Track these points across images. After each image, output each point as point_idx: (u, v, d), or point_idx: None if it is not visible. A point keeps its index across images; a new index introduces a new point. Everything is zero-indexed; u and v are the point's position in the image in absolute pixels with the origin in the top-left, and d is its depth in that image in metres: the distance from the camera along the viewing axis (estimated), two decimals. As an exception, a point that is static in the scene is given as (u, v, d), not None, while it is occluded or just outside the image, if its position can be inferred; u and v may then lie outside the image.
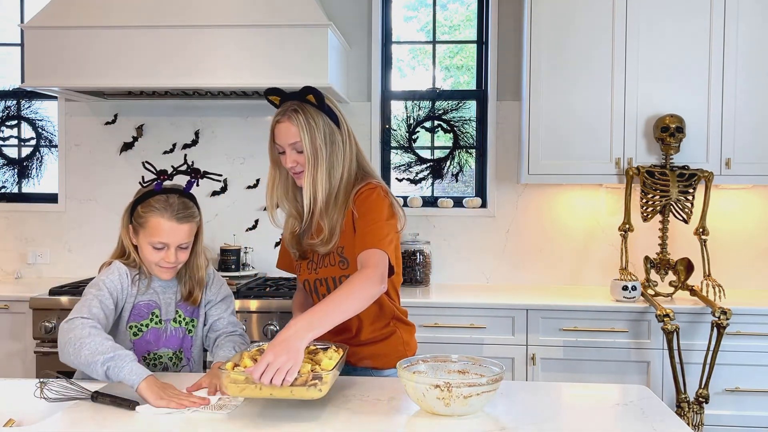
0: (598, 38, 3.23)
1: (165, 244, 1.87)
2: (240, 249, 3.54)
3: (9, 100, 3.87)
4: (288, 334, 1.49)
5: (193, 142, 3.71)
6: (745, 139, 3.18)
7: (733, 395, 3.00)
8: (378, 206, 1.81)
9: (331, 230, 1.84)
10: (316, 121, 1.82)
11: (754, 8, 3.16)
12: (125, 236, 1.94)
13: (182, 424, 1.48)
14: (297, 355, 1.46)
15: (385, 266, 1.72)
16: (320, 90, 1.88)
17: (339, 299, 1.61)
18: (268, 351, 1.46)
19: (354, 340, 1.92)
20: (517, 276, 3.62)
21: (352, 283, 1.65)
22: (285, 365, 1.43)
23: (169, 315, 1.96)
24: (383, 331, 1.94)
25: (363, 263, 1.71)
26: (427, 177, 3.73)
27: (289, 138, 1.82)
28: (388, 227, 1.78)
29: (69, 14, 3.18)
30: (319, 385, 1.47)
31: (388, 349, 1.94)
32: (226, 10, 3.15)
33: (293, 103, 1.83)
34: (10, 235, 3.79)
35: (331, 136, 1.84)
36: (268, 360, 1.44)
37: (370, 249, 1.73)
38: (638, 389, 1.76)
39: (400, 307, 1.99)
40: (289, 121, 1.81)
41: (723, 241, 3.46)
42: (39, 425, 1.48)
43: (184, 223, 1.89)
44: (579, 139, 3.25)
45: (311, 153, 1.80)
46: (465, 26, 3.78)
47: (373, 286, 1.66)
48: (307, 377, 1.47)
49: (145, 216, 1.89)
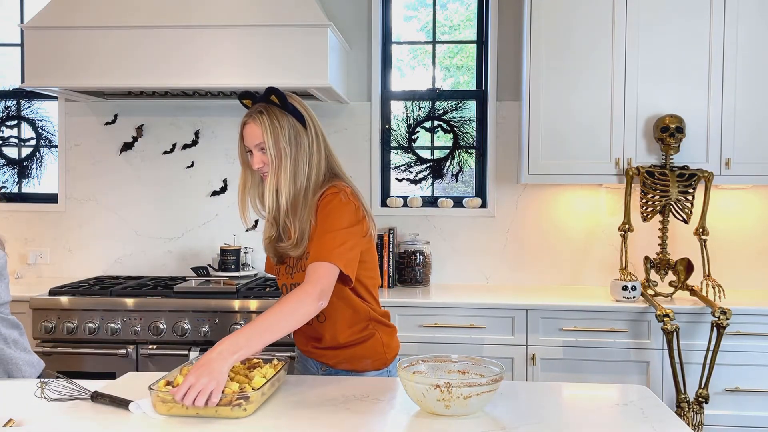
0: (598, 38, 3.23)
1: None
2: (240, 249, 3.54)
3: (9, 100, 3.87)
4: (212, 356, 1.51)
5: (193, 142, 3.72)
6: (745, 139, 3.18)
7: (733, 395, 3.00)
8: (336, 213, 1.78)
9: (300, 233, 1.82)
10: (281, 123, 1.82)
11: (753, 9, 3.16)
12: None
13: (181, 424, 1.48)
14: (219, 377, 1.48)
15: (329, 281, 1.70)
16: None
17: (270, 319, 1.61)
18: (190, 373, 1.48)
19: (331, 344, 1.92)
20: (517, 276, 3.62)
21: (286, 302, 1.64)
22: (207, 387, 1.46)
23: None
24: (362, 334, 1.92)
25: (307, 276, 1.70)
26: (427, 177, 3.73)
27: (254, 139, 1.84)
28: (346, 235, 1.76)
29: (69, 14, 3.18)
30: (244, 404, 1.49)
31: (367, 351, 1.93)
32: (226, 11, 3.15)
33: (259, 105, 1.84)
34: (10, 235, 3.79)
35: (296, 137, 1.83)
36: (189, 382, 1.46)
37: (318, 262, 1.71)
38: (638, 389, 1.76)
39: (378, 309, 1.97)
40: (254, 122, 1.83)
41: (723, 241, 3.46)
42: (39, 425, 1.48)
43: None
44: (579, 139, 3.25)
45: (275, 155, 1.80)
46: (465, 26, 3.78)
47: (309, 305, 1.65)
48: (231, 397, 1.49)
49: None
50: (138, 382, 1.81)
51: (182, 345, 3.04)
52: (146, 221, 3.73)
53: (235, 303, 3.07)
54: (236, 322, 3.04)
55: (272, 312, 1.62)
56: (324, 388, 1.71)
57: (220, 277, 3.41)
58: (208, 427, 1.46)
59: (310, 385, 1.74)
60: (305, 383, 1.77)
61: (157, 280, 3.48)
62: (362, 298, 1.91)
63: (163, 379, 1.59)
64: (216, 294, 3.14)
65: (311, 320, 1.87)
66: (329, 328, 1.90)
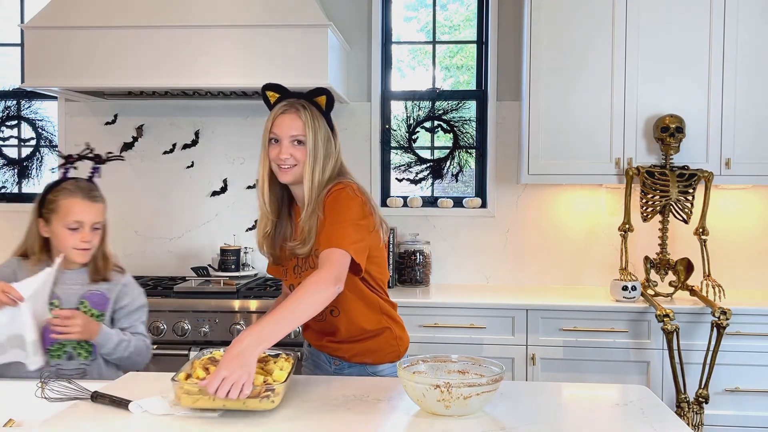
0: (598, 38, 3.23)
1: (80, 223, 1.96)
2: (240, 249, 3.54)
3: (9, 100, 3.87)
4: (241, 348, 1.50)
5: (193, 142, 3.72)
6: (745, 139, 3.18)
7: (733, 395, 3.00)
8: (345, 205, 1.80)
9: (309, 231, 1.84)
10: (319, 122, 1.86)
11: (754, 9, 3.16)
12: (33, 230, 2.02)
13: (181, 424, 1.48)
14: (251, 369, 1.48)
15: (342, 266, 1.70)
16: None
17: (291, 308, 1.60)
18: (223, 365, 1.47)
19: (346, 337, 1.93)
20: (517, 276, 3.62)
21: (304, 288, 1.64)
22: (240, 379, 1.46)
23: (70, 305, 1.99)
24: (376, 327, 1.95)
25: (320, 263, 1.71)
26: (427, 177, 3.73)
27: (292, 130, 1.83)
28: (354, 227, 1.77)
29: (69, 14, 3.18)
30: (272, 396, 1.50)
31: (381, 344, 1.95)
32: (226, 11, 3.15)
33: (300, 101, 1.86)
34: (10, 235, 3.77)
35: (327, 140, 1.87)
36: (222, 374, 1.45)
37: (330, 249, 1.72)
38: (638, 389, 1.76)
39: (389, 303, 2.00)
40: (296, 114, 1.84)
41: (723, 241, 3.46)
42: (39, 425, 1.48)
43: (95, 202, 2.00)
44: (579, 139, 3.25)
45: (313, 148, 1.83)
46: (465, 26, 3.78)
47: (325, 289, 1.64)
48: (260, 389, 1.49)
49: (57, 200, 1.97)
50: (138, 382, 1.81)
51: (182, 345, 3.04)
52: (146, 221, 3.73)
53: (235, 303, 3.07)
54: (236, 322, 3.04)
55: (291, 300, 1.62)
56: (324, 388, 1.71)
57: (220, 277, 3.41)
58: (207, 427, 1.46)
59: (309, 385, 1.75)
60: (305, 383, 1.77)
61: (157, 280, 3.48)
62: (374, 291, 1.94)
63: (182, 372, 1.59)
64: (216, 294, 3.14)
65: (324, 315, 1.89)
66: (344, 322, 1.91)
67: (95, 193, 2.01)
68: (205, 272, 3.49)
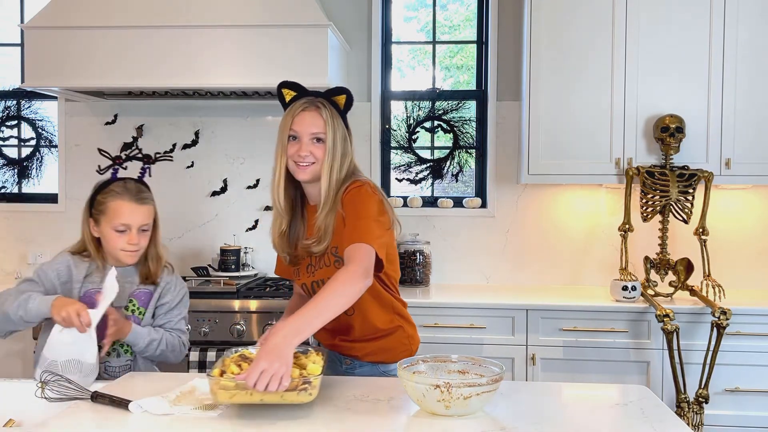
0: (597, 38, 3.23)
1: (127, 226, 1.95)
2: (240, 249, 3.54)
3: (9, 100, 3.87)
4: (277, 340, 1.51)
5: (193, 142, 3.71)
6: (745, 139, 3.18)
7: (733, 395, 3.00)
8: (365, 203, 1.81)
9: (325, 228, 1.85)
10: (338, 121, 1.88)
11: (754, 8, 3.16)
12: (86, 230, 2.02)
13: (181, 424, 1.48)
14: (289, 361, 1.49)
15: (370, 260, 1.72)
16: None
17: (323, 300, 1.61)
18: (261, 358, 1.47)
19: (360, 336, 1.94)
20: (517, 276, 3.62)
21: (335, 281, 1.65)
22: (279, 372, 1.46)
23: (121, 303, 2.00)
24: (390, 326, 1.96)
25: (348, 258, 1.72)
26: (427, 177, 3.73)
27: (313, 127, 1.85)
28: (376, 224, 1.79)
29: (69, 14, 3.18)
30: (309, 389, 1.50)
31: (394, 342, 1.97)
32: (226, 11, 3.15)
33: (319, 99, 1.88)
34: (10, 235, 3.79)
35: (344, 140, 1.89)
36: (262, 367, 1.45)
37: (356, 243, 1.73)
38: (638, 389, 1.76)
39: (401, 300, 2.01)
40: (318, 112, 1.86)
41: (723, 241, 3.46)
42: (39, 425, 1.48)
43: (143, 204, 1.99)
44: (579, 139, 3.25)
45: (332, 146, 1.84)
46: (465, 26, 3.78)
47: (357, 283, 1.66)
48: (297, 382, 1.49)
49: (105, 202, 1.97)
50: (138, 382, 1.81)
51: (182, 345, 3.04)
52: (146, 221, 3.73)
53: (235, 303, 3.07)
54: (236, 322, 3.04)
55: (323, 294, 1.62)
56: (324, 389, 1.71)
57: (220, 277, 3.41)
58: (207, 427, 1.46)
59: (310, 385, 1.74)
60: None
61: (157, 280, 3.48)
62: (388, 290, 1.95)
63: (216, 368, 1.59)
64: (216, 294, 3.14)
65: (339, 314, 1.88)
66: (358, 321, 1.92)
67: (143, 195, 2.00)
68: (205, 272, 3.49)
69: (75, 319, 1.76)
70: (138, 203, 1.98)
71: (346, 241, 1.76)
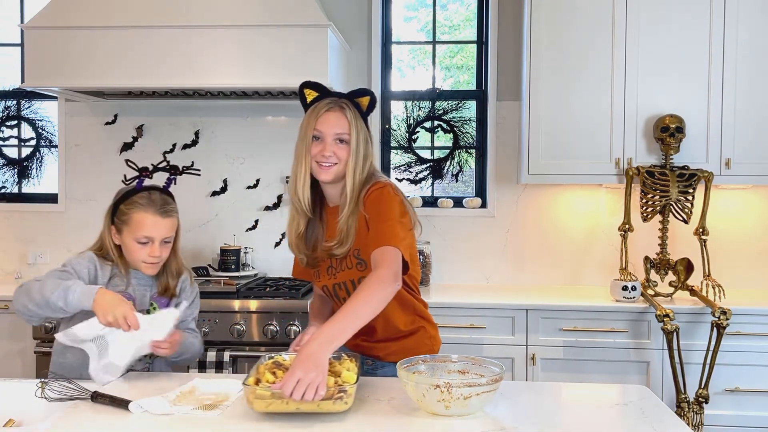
0: (597, 38, 3.23)
1: (150, 239, 1.93)
2: (240, 249, 3.54)
3: (9, 100, 3.87)
4: (313, 348, 1.50)
5: (193, 142, 3.71)
6: (745, 139, 3.18)
7: (733, 395, 3.00)
8: (388, 204, 1.81)
9: (347, 230, 1.85)
10: (360, 122, 1.88)
11: (754, 8, 3.16)
12: (107, 237, 2.00)
13: (181, 424, 1.48)
14: (324, 369, 1.48)
15: (398, 263, 1.72)
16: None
17: (355, 306, 1.61)
18: (296, 367, 1.47)
19: (383, 336, 1.94)
20: (517, 276, 3.62)
21: (366, 287, 1.65)
22: (315, 381, 1.45)
23: (143, 307, 1.99)
24: (412, 327, 1.96)
25: (376, 263, 1.72)
26: (427, 177, 3.73)
27: (337, 127, 1.84)
28: (400, 225, 1.79)
29: (69, 14, 3.18)
30: (345, 397, 1.49)
31: (416, 343, 1.96)
32: (225, 11, 3.15)
33: (342, 100, 1.88)
34: (10, 235, 3.79)
35: (366, 141, 1.89)
36: (298, 376, 1.45)
37: (383, 247, 1.73)
38: (638, 389, 1.76)
39: (423, 300, 2.01)
40: (342, 112, 1.85)
41: (723, 241, 3.46)
42: (39, 425, 1.48)
43: (167, 217, 1.95)
44: (579, 139, 3.25)
45: (356, 147, 1.84)
46: (465, 26, 3.78)
47: (387, 287, 1.66)
48: (333, 391, 1.48)
49: (129, 213, 1.94)
50: (138, 382, 1.81)
51: (182, 345, 3.04)
52: (146, 221, 3.73)
53: (235, 303, 3.07)
54: (236, 322, 3.04)
55: (355, 300, 1.62)
56: (324, 388, 1.71)
57: (220, 277, 3.41)
58: (207, 427, 1.46)
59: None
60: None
61: (157, 280, 3.48)
62: (410, 292, 1.95)
63: (251, 377, 1.58)
64: (216, 294, 3.14)
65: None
66: (381, 322, 1.91)
67: (167, 207, 1.96)
68: (205, 272, 3.49)
69: (123, 325, 1.73)
70: (162, 216, 1.94)
71: (372, 245, 1.76)
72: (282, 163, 3.66)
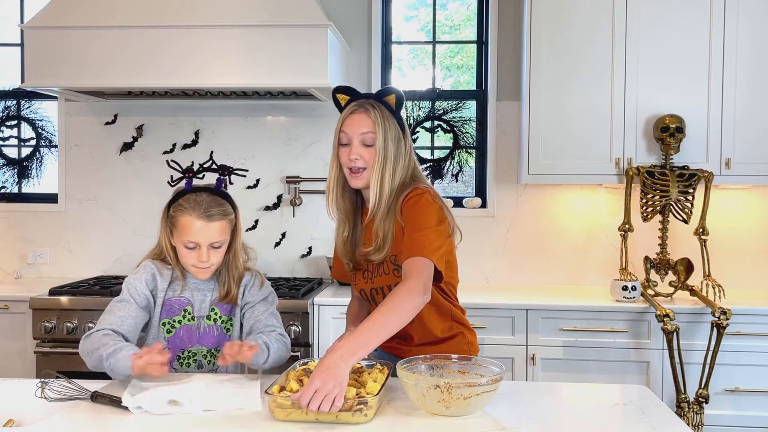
0: (597, 39, 3.23)
1: (196, 244, 1.85)
2: (240, 249, 3.53)
3: (9, 100, 3.87)
4: (333, 359, 1.49)
5: (193, 142, 3.71)
6: (745, 139, 3.18)
7: (733, 395, 3.00)
8: (425, 212, 1.78)
9: (384, 237, 1.82)
10: (390, 122, 1.83)
11: (754, 8, 3.16)
12: (164, 238, 1.93)
13: (181, 424, 1.48)
14: (343, 381, 1.46)
15: (428, 275, 1.70)
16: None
17: (382, 317, 1.59)
18: (315, 377, 1.45)
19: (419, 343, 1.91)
20: (516, 276, 3.62)
21: (393, 298, 1.62)
22: (332, 392, 1.44)
23: (202, 312, 1.93)
24: (449, 333, 1.93)
25: (406, 273, 1.69)
26: (427, 177, 3.73)
27: (361, 127, 1.81)
28: (435, 234, 1.76)
29: (69, 14, 3.18)
30: (365, 410, 1.46)
31: (455, 348, 1.92)
32: (226, 11, 3.15)
33: (369, 101, 1.85)
34: (10, 235, 3.79)
35: (399, 140, 1.84)
36: (315, 386, 1.43)
37: (415, 257, 1.70)
38: (638, 389, 1.76)
39: (460, 306, 1.98)
40: (366, 114, 1.82)
41: (723, 241, 3.46)
42: (39, 425, 1.48)
43: (214, 221, 1.86)
44: (579, 139, 3.25)
45: (382, 148, 1.80)
46: (465, 26, 3.78)
47: (415, 298, 1.64)
48: (352, 402, 1.46)
49: (176, 216, 1.88)
50: (138, 382, 1.80)
51: (182, 345, 3.04)
52: (146, 221, 3.73)
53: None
54: (236, 322, 3.04)
55: (382, 310, 1.60)
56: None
57: (220, 277, 3.40)
58: (207, 427, 1.46)
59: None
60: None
61: (157, 280, 3.48)
62: (447, 298, 1.92)
63: (276, 384, 1.57)
64: (216, 294, 3.13)
65: None
66: (417, 329, 1.88)
67: (213, 211, 1.86)
68: (205, 272, 3.48)
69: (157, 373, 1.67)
70: (206, 220, 1.83)
71: (405, 254, 1.74)
72: (282, 163, 3.66)
